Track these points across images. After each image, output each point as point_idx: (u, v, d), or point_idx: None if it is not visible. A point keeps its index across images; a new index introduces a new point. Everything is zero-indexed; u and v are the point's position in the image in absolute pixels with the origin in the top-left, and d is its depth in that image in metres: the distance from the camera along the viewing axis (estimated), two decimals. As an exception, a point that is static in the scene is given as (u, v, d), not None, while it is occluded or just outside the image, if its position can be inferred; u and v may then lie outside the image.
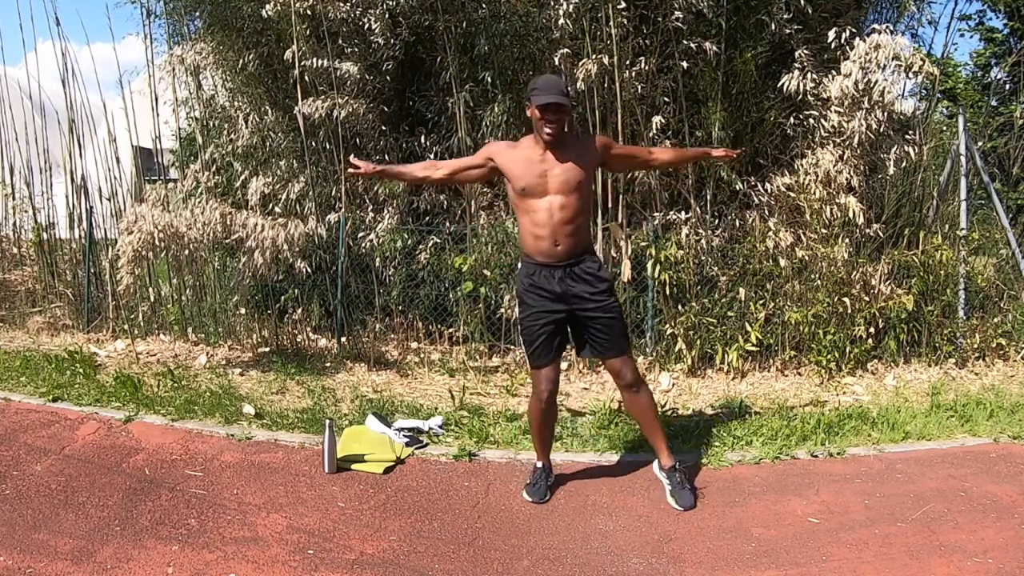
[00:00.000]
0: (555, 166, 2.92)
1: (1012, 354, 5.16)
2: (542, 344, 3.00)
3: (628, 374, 3.05)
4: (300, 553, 2.65)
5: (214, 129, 6.25)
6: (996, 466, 3.46)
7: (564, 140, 2.95)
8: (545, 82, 2.95)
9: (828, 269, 4.98)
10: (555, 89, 2.86)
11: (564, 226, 2.92)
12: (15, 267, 6.76)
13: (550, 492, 3.17)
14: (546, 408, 3.09)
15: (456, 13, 5.35)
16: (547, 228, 2.92)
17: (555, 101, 2.83)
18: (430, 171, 3.23)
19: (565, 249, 2.94)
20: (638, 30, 5.21)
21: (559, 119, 2.87)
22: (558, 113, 2.86)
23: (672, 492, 3.08)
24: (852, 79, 4.88)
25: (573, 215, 2.93)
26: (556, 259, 2.95)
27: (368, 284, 5.49)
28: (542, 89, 2.88)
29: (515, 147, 3.04)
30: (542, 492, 3.13)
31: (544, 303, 2.98)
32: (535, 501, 3.10)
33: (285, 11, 5.28)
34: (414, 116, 5.82)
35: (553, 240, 2.93)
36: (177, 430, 3.81)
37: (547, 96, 2.84)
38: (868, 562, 2.61)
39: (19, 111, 6.81)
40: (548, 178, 2.91)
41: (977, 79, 11.33)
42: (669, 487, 3.11)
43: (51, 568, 2.49)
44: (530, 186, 2.92)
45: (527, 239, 3.00)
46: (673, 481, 3.11)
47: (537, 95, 2.87)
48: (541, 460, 3.23)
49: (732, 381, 4.86)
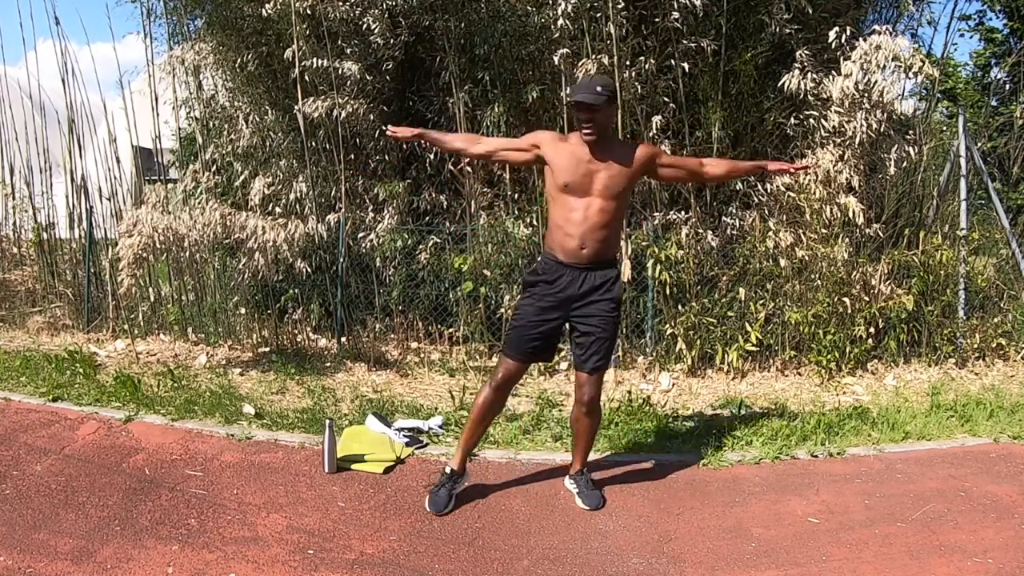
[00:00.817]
0: (601, 169, 2.84)
1: (1012, 354, 5.16)
2: (525, 338, 2.92)
3: (589, 393, 2.96)
4: (300, 553, 2.65)
5: (214, 129, 6.25)
6: (996, 466, 3.46)
7: (610, 143, 2.91)
8: (581, 83, 2.90)
9: (828, 269, 4.98)
10: (586, 88, 2.80)
11: (596, 231, 2.85)
12: (15, 267, 6.76)
13: (454, 502, 3.02)
14: (493, 400, 2.99)
15: (456, 13, 5.35)
16: (579, 229, 2.84)
17: (581, 99, 2.77)
18: (470, 144, 3.15)
19: (590, 253, 2.86)
20: (638, 30, 5.22)
21: (592, 118, 2.79)
22: (589, 112, 2.78)
23: (579, 494, 3.09)
24: (853, 80, 4.89)
25: (608, 221, 2.86)
26: (578, 261, 2.87)
27: (368, 284, 5.49)
28: (575, 90, 2.84)
29: (563, 140, 2.96)
30: (443, 502, 2.98)
31: (547, 304, 2.91)
32: (434, 512, 2.94)
33: (285, 11, 5.29)
34: (414, 116, 5.82)
35: (581, 242, 2.85)
36: (177, 430, 3.81)
37: (577, 94, 2.79)
38: (868, 562, 2.61)
39: (19, 111, 6.81)
40: (593, 179, 2.84)
41: (977, 79, 11.33)
42: (576, 490, 3.11)
43: (51, 568, 2.48)
44: (573, 183, 2.84)
45: (555, 234, 2.92)
46: (579, 484, 3.12)
47: (572, 94, 2.84)
48: (457, 462, 3.08)
49: (732, 381, 4.86)
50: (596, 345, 2.92)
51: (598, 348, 2.92)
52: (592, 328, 2.91)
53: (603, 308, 2.91)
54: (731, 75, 5.28)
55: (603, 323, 2.91)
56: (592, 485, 3.13)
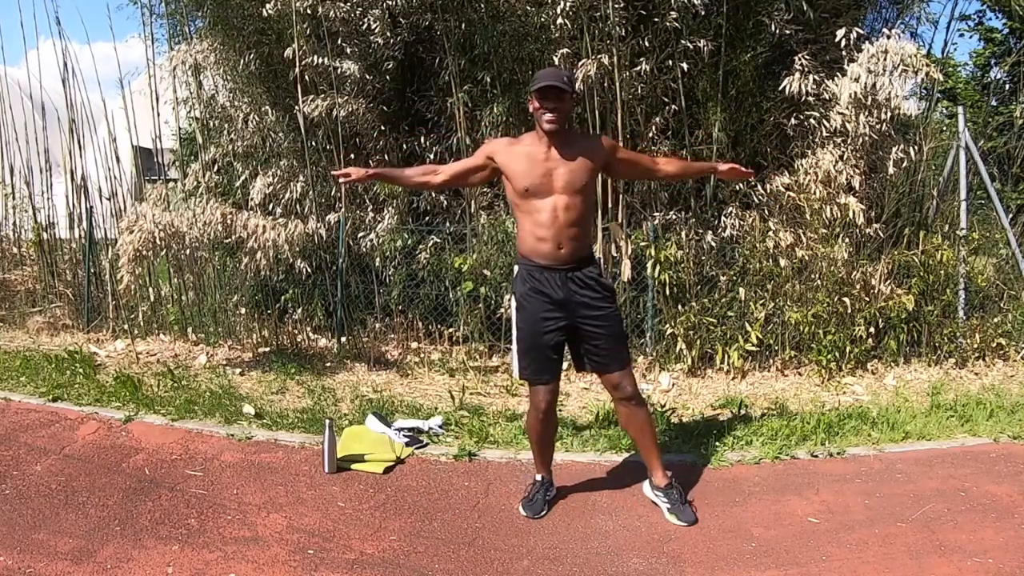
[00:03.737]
0: (560, 164, 2.77)
1: (1012, 354, 5.16)
2: (543, 355, 2.85)
3: (628, 387, 2.90)
4: (300, 553, 2.65)
5: (214, 129, 6.25)
6: (996, 466, 3.46)
7: (569, 137, 2.84)
8: (545, 71, 2.86)
9: (828, 269, 4.98)
10: (554, 75, 2.75)
11: (568, 228, 2.78)
12: (15, 267, 6.76)
13: (548, 507, 3.02)
14: (544, 421, 2.93)
15: (456, 13, 5.35)
16: (551, 230, 2.77)
17: (552, 84, 2.69)
18: (429, 176, 3.09)
19: (568, 252, 2.79)
20: (637, 30, 5.21)
21: (558, 107, 2.71)
22: (557, 100, 2.70)
23: (671, 510, 2.94)
24: (861, 83, 4.87)
25: (578, 217, 2.79)
26: (559, 262, 2.80)
27: (368, 284, 5.49)
28: (541, 76, 2.77)
29: (516, 143, 2.89)
30: (538, 507, 2.99)
31: (546, 308, 2.82)
32: (530, 516, 2.96)
33: (286, 10, 5.28)
34: (414, 116, 5.82)
35: (557, 243, 2.78)
36: (177, 430, 3.81)
37: (544, 80, 2.72)
38: (868, 562, 2.61)
39: (19, 111, 6.81)
40: (553, 177, 2.77)
41: (977, 79, 11.33)
42: (668, 505, 2.96)
43: (51, 568, 2.48)
44: (533, 186, 2.76)
45: (528, 240, 2.84)
46: (671, 499, 2.96)
47: (535, 82, 2.75)
48: (541, 472, 3.08)
49: (732, 381, 4.86)
50: (610, 340, 2.86)
51: (614, 344, 2.88)
52: (598, 328, 2.85)
53: (601, 305, 2.85)
54: (731, 75, 5.28)
55: (607, 319, 2.86)
56: (684, 499, 2.98)
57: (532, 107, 2.81)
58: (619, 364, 2.90)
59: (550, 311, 2.83)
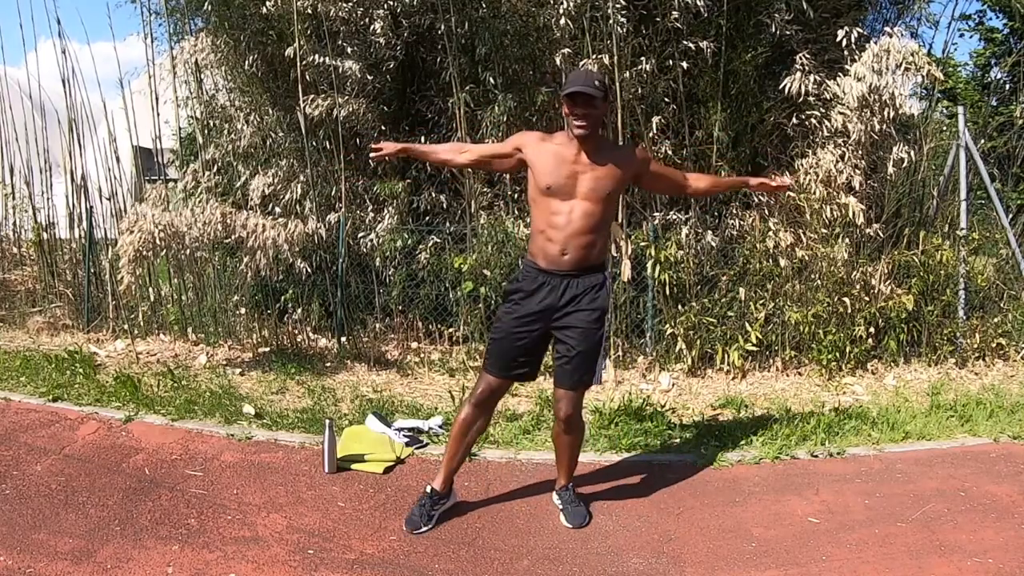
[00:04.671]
0: (588, 169, 2.69)
1: (1012, 354, 5.16)
2: (508, 355, 2.76)
3: (568, 410, 2.78)
4: (300, 553, 2.65)
5: (215, 129, 6.25)
6: (996, 466, 3.46)
7: (599, 143, 2.76)
8: (576, 74, 2.79)
9: (828, 269, 4.98)
10: (584, 80, 2.65)
11: (579, 236, 2.68)
12: (15, 267, 6.76)
13: (434, 523, 2.85)
14: (474, 417, 2.82)
15: (457, 13, 5.35)
16: (561, 233, 2.68)
17: (581, 90, 2.59)
18: (455, 154, 3.01)
19: (572, 260, 2.70)
20: (638, 30, 5.21)
21: (589, 112, 2.63)
22: (587, 106, 2.62)
23: (562, 511, 2.94)
24: (866, 83, 4.87)
25: (593, 226, 2.69)
26: (559, 267, 2.71)
27: (368, 284, 5.49)
28: (571, 80, 2.68)
29: (547, 140, 2.79)
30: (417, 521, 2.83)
31: (529, 316, 2.74)
32: (409, 530, 2.81)
33: (286, 9, 5.28)
34: (414, 116, 5.82)
35: (562, 248, 2.69)
36: (177, 430, 3.81)
37: (574, 85, 2.63)
38: (868, 562, 2.61)
39: (19, 111, 6.80)
40: (578, 181, 2.68)
41: (977, 79, 11.34)
42: (560, 506, 2.97)
43: (51, 568, 2.48)
44: (556, 185, 2.68)
45: (537, 239, 2.77)
46: (564, 499, 2.97)
47: (566, 86, 2.67)
48: (439, 482, 2.91)
49: (732, 381, 4.86)
50: (576, 360, 2.72)
51: (579, 363, 2.73)
52: (571, 340, 2.73)
53: (584, 319, 2.72)
54: (731, 75, 5.28)
55: (583, 335, 2.72)
56: (577, 501, 2.97)
57: (564, 111, 2.72)
58: (571, 383, 2.77)
59: (529, 318, 2.75)
